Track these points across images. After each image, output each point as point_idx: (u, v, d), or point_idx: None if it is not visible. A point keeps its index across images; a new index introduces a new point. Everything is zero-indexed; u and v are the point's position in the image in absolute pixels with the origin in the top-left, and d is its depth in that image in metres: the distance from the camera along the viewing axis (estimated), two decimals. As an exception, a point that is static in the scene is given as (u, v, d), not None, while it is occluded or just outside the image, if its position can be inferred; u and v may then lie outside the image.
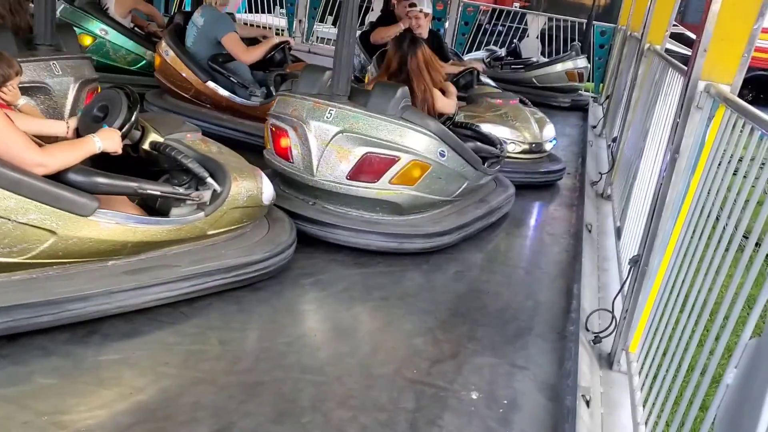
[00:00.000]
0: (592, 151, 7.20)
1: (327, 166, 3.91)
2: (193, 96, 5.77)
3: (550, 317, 3.62)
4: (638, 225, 3.73)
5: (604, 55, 11.23)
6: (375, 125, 3.85)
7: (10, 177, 2.57)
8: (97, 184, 2.85)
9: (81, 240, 2.80)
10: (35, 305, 2.66)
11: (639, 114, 5.25)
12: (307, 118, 3.95)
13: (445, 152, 3.97)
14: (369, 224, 3.97)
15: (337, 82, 3.96)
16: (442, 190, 4.10)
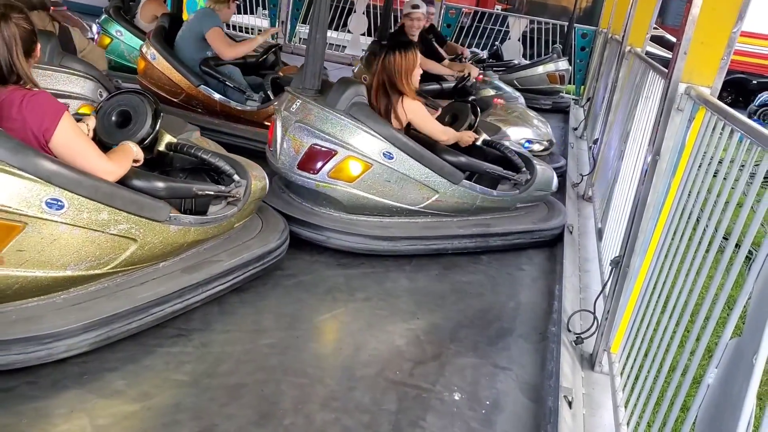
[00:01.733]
0: (573, 153, 7.24)
1: (285, 155, 4.01)
2: (183, 100, 5.65)
3: (532, 318, 3.63)
4: (619, 226, 3.76)
5: (585, 57, 11.30)
6: (323, 118, 3.90)
7: (105, 190, 2.62)
8: (158, 188, 2.91)
9: (154, 245, 2.89)
10: (127, 313, 2.73)
11: (620, 116, 5.29)
12: (281, 109, 4.09)
13: (393, 154, 3.91)
14: (344, 224, 3.98)
15: (307, 76, 4.08)
16: (394, 195, 3.99)
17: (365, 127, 3.87)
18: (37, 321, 2.53)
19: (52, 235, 2.51)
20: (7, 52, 2.48)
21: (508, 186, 4.49)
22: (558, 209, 4.86)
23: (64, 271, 2.60)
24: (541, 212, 4.76)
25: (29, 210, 2.42)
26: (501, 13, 12.88)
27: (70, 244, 2.57)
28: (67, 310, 2.62)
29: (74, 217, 2.54)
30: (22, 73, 2.52)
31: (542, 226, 4.57)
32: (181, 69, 5.53)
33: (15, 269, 2.47)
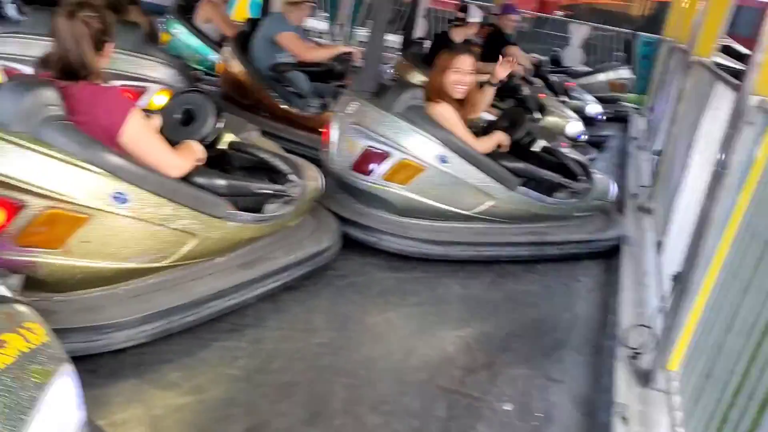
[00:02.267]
0: (633, 164, 7.09)
1: (340, 156, 4.02)
2: (251, 103, 5.72)
3: (587, 331, 3.57)
4: (681, 240, 3.65)
5: (648, 66, 11.05)
6: (379, 120, 3.90)
7: (169, 185, 2.70)
8: (218, 185, 2.97)
9: (213, 241, 2.96)
10: (184, 307, 2.80)
11: (685, 127, 5.15)
12: (338, 110, 4.11)
13: (448, 158, 3.88)
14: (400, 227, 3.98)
15: (364, 78, 4.12)
16: (448, 199, 3.98)
17: (420, 130, 3.86)
18: (99, 311, 2.60)
19: (116, 227, 2.58)
20: (76, 47, 2.54)
21: (565, 194, 4.42)
22: (615, 220, 4.76)
23: (126, 263, 2.67)
24: (598, 222, 4.67)
25: (95, 202, 2.50)
26: (562, 18, 12.71)
27: (133, 237, 2.64)
28: (128, 301, 2.69)
29: (138, 210, 2.61)
30: (91, 68, 2.58)
31: (599, 237, 4.49)
32: (250, 73, 5.61)
33: (79, 259, 2.55)
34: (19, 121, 2.40)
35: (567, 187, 4.37)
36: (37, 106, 2.42)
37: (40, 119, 2.41)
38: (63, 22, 2.53)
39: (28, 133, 2.41)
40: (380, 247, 3.92)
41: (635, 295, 3.91)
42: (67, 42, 2.54)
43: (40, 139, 2.42)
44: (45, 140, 2.42)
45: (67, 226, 2.49)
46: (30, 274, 2.45)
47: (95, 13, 2.60)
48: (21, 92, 2.42)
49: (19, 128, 2.40)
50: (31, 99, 2.41)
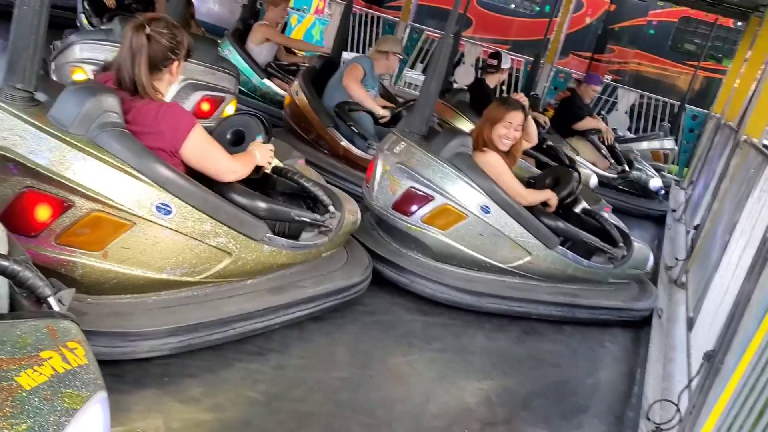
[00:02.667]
0: (670, 235, 7.02)
1: (382, 193, 4.05)
2: (314, 140, 5.76)
3: (610, 399, 3.51)
4: (714, 319, 3.60)
5: (692, 139, 11.00)
6: (425, 163, 3.92)
7: (212, 203, 2.74)
8: (259, 208, 3.01)
9: (246, 262, 2.98)
10: (211, 324, 2.82)
11: (727, 205, 5.11)
12: (385, 149, 4.13)
13: (490, 209, 3.88)
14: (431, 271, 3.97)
15: (415, 121, 4.12)
16: (485, 250, 3.95)
17: (466, 178, 3.88)
18: (127, 317, 2.62)
19: (156, 237, 2.62)
20: (130, 61, 2.61)
21: (603, 259, 4.39)
22: (649, 291, 4.71)
23: (160, 273, 2.70)
24: (632, 291, 4.62)
25: (140, 211, 2.55)
26: (611, 83, 12.74)
27: (171, 249, 2.67)
28: (156, 311, 2.72)
29: (179, 223, 2.65)
30: (139, 83, 2.63)
31: (632, 306, 4.44)
32: (317, 108, 5.65)
33: (116, 264, 2.59)
34: (79, 124, 2.47)
35: (606, 252, 4.34)
36: (97, 111, 2.48)
37: (98, 124, 2.48)
38: (129, 33, 2.61)
39: (85, 137, 2.47)
40: (411, 290, 3.90)
41: (662, 369, 3.85)
42: (124, 53, 2.62)
43: (96, 144, 2.48)
44: (100, 145, 2.48)
45: (110, 231, 2.54)
46: (66, 274, 2.49)
47: (166, 30, 2.66)
48: (83, 96, 2.49)
49: (77, 131, 2.47)
50: (91, 104, 2.47)
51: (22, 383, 1.30)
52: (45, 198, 2.43)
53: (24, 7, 2.38)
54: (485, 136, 4.11)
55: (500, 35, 16.01)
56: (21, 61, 2.44)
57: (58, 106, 2.48)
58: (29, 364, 1.34)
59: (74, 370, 1.41)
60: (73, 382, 1.39)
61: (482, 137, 4.11)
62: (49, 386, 1.34)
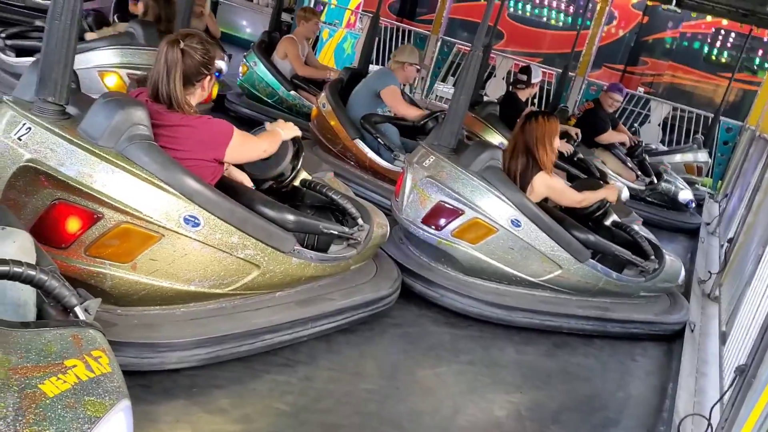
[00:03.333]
0: (703, 249, 6.92)
1: (411, 207, 4.05)
2: (340, 151, 5.81)
3: (641, 413, 3.47)
4: (747, 333, 3.54)
5: (727, 152, 10.85)
6: (455, 176, 3.93)
7: (240, 214, 2.77)
8: (288, 221, 3.03)
9: (275, 274, 3.00)
10: (239, 336, 2.85)
11: (762, 218, 5.02)
12: (414, 162, 4.14)
13: (521, 223, 3.86)
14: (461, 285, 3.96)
15: (444, 134, 4.13)
16: (516, 264, 3.93)
17: (497, 191, 3.87)
18: (156, 329, 2.66)
19: (184, 249, 2.65)
20: (166, 75, 2.68)
21: (634, 272, 4.34)
22: (681, 304, 4.64)
23: (189, 285, 2.73)
24: (664, 304, 4.56)
25: (168, 223, 2.58)
26: (644, 95, 12.62)
27: (199, 261, 2.71)
28: (185, 323, 2.75)
29: (207, 235, 2.68)
30: (174, 97, 2.70)
31: (663, 320, 4.38)
32: (343, 120, 5.68)
33: (145, 276, 2.62)
34: (108, 136, 2.51)
35: (637, 265, 4.29)
36: (126, 124, 2.52)
37: (126, 136, 2.52)
38: (164, 48, 2.68)
39: (114, 149, 2.52)
40: (442, 304, 3.90)
41: (693, 383, 3.79)
42: (159, 67, 2.68)
43: (124, 156, 2.52)
44: (128, 157, 2.53)
45: (138, 243, 2.57)
46: (96, 285, 2.54)
47: (200, 45, 2.73)
48: (112, 109, 2.53)
49: (106, 143, 2.51)
50: (120, 116, 2.51)
51: (46, 391, 1.33)
52: (75, 210, 2.48)
53: (55, 21, 2.44)
54: (548, 152, 4.08)
55: (532, 48, 16.00)
56: (53, 74, 2.49)
57: (88, 119, 2.54)
58: (53, 372, 1.38)
59: (98, 378, 1.44)
60: (96, 390, 1.42)
61: (545, 155, 4.07)
62: (72, 394, 1.36)
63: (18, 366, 1.35)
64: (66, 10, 2.43)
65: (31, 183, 2.46)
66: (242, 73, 7.19)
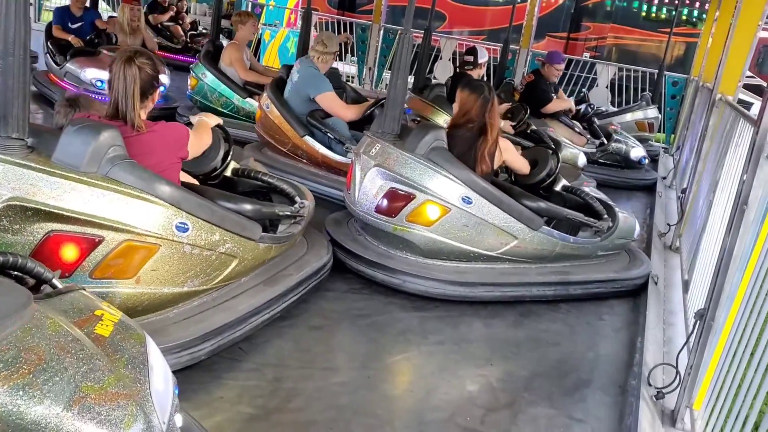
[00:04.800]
0: (661, 202, 7.04)
1: (363, 198, 4.07)
2: (290, 150, 5.76)
3: (612, 370, 3.51)
4: (706, 278, 3.61)
5: (675, 105, 11.04)
6: (402, 162, 3.95)
7: (218, 213, 2.96)
8: (246, 210, 3.22)
9: (248, 261, 3.21)
10: (232, 324, 3.01)
11: (709, 165, 5.12)
12: (361, 152, 4.16)
13: (472, 199, 3.89)
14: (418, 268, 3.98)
15: (386, 121, 4.16)
16: (472, 240, 3.96)
17: (444, 171, 3.89)
18: (164, 333, 2.74)
19: (177, 254, 2.81)
20: (123, 92, 2.78)
21: (589, 233, 4.40)
22: (640, 259, 4.72)
23: (183, 287, 2.89)
24: (623, 261, 4.63)
25: (164, 233, 2.71)
26: (589, 60, 12.75)
27: (190, 262, 2.86)
28: (184, 323, 2.88)
29: (195, 238, 2.84)
30: (131, 112, 2.80)
31: (624, 276, 4.44)
32: (290, 119, 5.63)
33: (147, 287, 2.75)
34: (89, 162, 2.54)
35: (591, 226, 4.35)
36: (104, 147, 2.57)
37: (107, 159, 2.58)
38: (121, 66, 2.79)
39: (98, 173, 2.57)
40: (404, 289, 3.91)
41: (661, 334, 3.86)
42: (119, 85, 2.80)
43: (110, 178, 2.58)
44: (115, 179, 2.59)
45: (141, 257, 2.71)
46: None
47: (150, 60, 2.85)
48: (88, 135, 2.55)
49: (88, 169, 2.54)
50: (97, 141, 2.55)
51: (103, 333, 1.67)
52: (72, 239, 2.55)
53: (9, 57, 2.42)
54: (497, 125, 4.16)
55: (475, 26, 16.10)
56: (13, 110, 2.45)
57: (61, 148, 2.54)
58: (95, 320, 1.70)
59: (121, 320, 1.77)
60: (128, 325, 1.77)
61: (495, 124, 4.14)
62: (118, 331, 1.71)
63: (72, 321, 1.64)
64: (18, 46, 2.41)
65: (17, 221, 2.45)
66: (191, 86, 7.08)
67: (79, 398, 1.44)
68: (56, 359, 1.47)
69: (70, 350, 1.52)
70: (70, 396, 1.43)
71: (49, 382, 1.42)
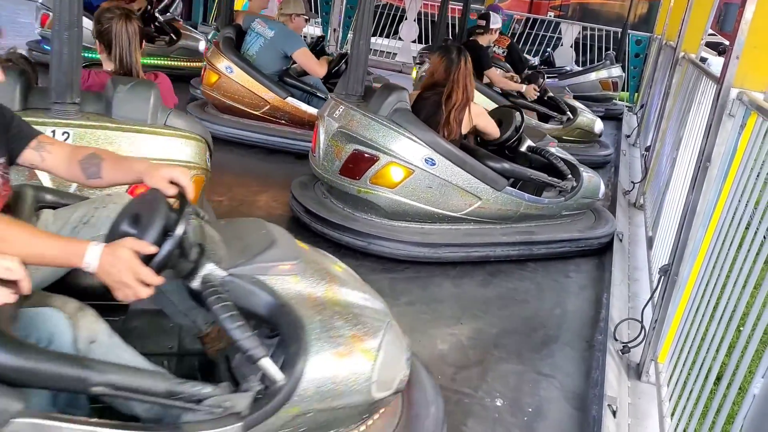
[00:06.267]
0: (626, 161, 7.13)
1: (328, 160, 4.07)
2: (267, 113, 5.62)
3: (579, 326, 3.58)
4: (670, 234, 3.69)
5: (639, 64, 11.11)
6: (365, 124, 3.95)
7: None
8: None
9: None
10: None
11: (673, 123, 5.19)
12: (325, 115, 4.16)
13: (435, 161, 3.91)
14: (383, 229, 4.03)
15: (350, 82, 4.17)
16: (436, 201, 3.98)
17: (407, 132, 3.90)
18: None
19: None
20: (128, 45, 2.99)
21: (554, 193, 4.45)
22: (606, 218, 4.78)
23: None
24: (589, 221, 4.70)
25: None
26: (553, 19, 12.76)
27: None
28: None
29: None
30: (135, 64, 3.02)
31: (588, 235, 4.50)
32: (265, 82, 5.51)
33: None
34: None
35: (554, 186, 4.39)
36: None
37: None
38: (122, 22, 2.96)
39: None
40: (371, 251, 3.92)
41: (626, 290, 3.94)
42: (123, 41, 2.97)
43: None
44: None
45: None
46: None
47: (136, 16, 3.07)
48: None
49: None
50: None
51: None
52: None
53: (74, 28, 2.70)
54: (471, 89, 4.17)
55: (440, -14, 15.91)
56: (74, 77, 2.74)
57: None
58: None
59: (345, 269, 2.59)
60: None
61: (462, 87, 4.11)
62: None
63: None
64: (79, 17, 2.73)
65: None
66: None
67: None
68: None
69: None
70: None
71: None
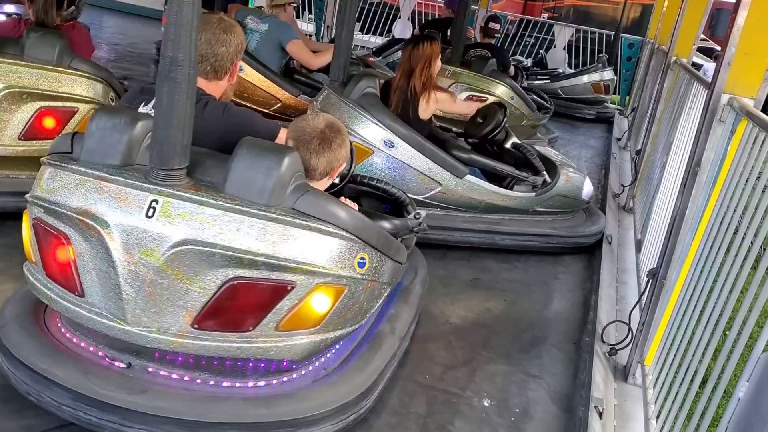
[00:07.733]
0: (616, 164, 7.16)
1: None
2: (278, 110, 5.53)
3: (567, 328, 3.60)
4: (659, 238, 3.71)
5: (631, 68, 11.15)
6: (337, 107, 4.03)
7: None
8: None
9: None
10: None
11: (663, 127, 5.22)
12: (315, 101, 4.28)
13: (394, 143, 4.01)
14: None
15: (333, 69, 4.31)
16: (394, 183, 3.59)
17: (369, 115, 4.00)
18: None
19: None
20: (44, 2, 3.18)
21: (526, 188, 4.46)
22: (593, 221, 4.79)
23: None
24: (576, 221, 4.71)
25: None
26: (547, 21, 12.79)
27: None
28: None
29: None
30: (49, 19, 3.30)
31: (562, 233, 4.50)
32: (277, 80, 5.46)
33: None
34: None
35: (523, 180, 4.41)
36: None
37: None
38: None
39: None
40: None
41: (614, 292, 3.96)
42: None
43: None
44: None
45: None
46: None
47: None
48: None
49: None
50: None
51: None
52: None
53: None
54: (430, 75, 4.16)
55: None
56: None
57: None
58: None
59: None
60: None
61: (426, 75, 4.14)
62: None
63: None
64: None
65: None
66: None
67: None
68: None
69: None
70: None
71: None
